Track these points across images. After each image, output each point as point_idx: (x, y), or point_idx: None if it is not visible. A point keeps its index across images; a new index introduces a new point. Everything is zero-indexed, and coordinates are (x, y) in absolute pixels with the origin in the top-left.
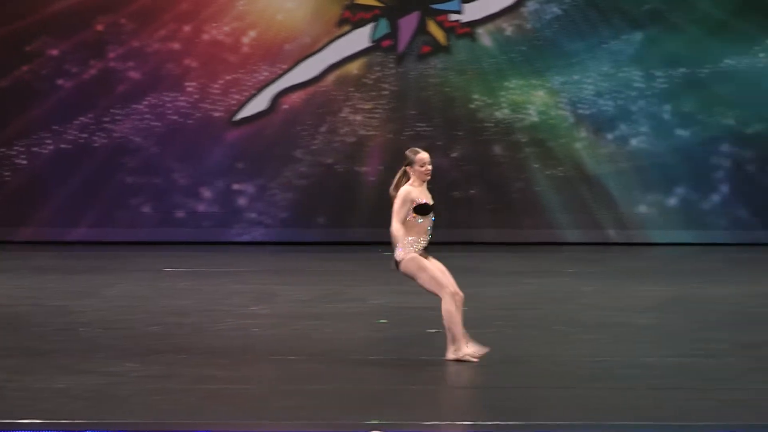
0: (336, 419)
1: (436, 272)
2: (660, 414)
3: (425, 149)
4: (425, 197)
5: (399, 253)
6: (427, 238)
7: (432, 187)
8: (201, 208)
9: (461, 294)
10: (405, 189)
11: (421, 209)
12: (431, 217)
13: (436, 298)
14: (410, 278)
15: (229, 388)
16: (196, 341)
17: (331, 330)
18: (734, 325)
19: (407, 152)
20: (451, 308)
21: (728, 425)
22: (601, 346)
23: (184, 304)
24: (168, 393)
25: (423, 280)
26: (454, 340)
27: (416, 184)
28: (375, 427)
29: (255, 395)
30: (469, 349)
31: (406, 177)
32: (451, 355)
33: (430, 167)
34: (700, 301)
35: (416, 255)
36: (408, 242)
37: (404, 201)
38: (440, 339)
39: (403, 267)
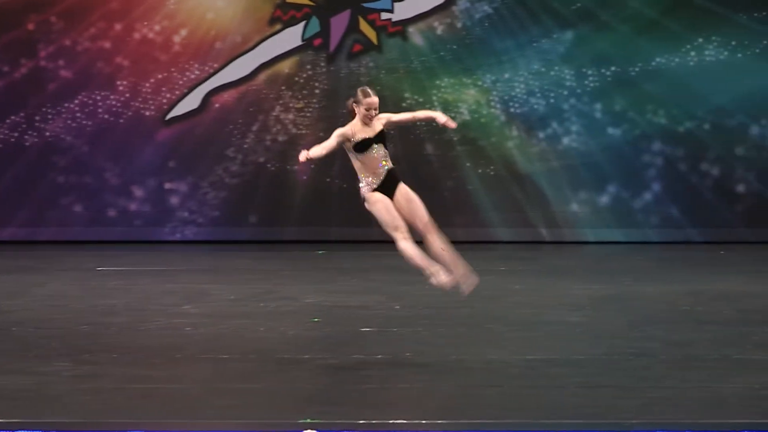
0: (268, 418)
1: (387, 213)
2: (589, 412)
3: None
4: (364, 134)
5: (361, 189)
6: (384, 168)
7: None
8: (133, 207)
9: (424, 218)
10: (341, 128)
11: (358, 146)
12: (381, 150)
13: (369, 298)
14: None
15: (161, 387)
16: (127, 340)
17: (263, 329)
18: (665, 323)
19: (359, 89)
20: (404, 247)
21: (655, 423)
22: (533, 344)
23: (115, 304)
24: (99, 392)
25: (379, 219)
26: (427, 269)
27: (358, 124)
28: (308, 426)
29: (187, 394)
30: (446, 276)
31: (351, 117)
32: (440, 278)
33: (374, 111)
34: (632, 299)
35: (372, 194)
36: (367, 181)
37: (333, 135)
38: (373, 337)
39: (366, 206)
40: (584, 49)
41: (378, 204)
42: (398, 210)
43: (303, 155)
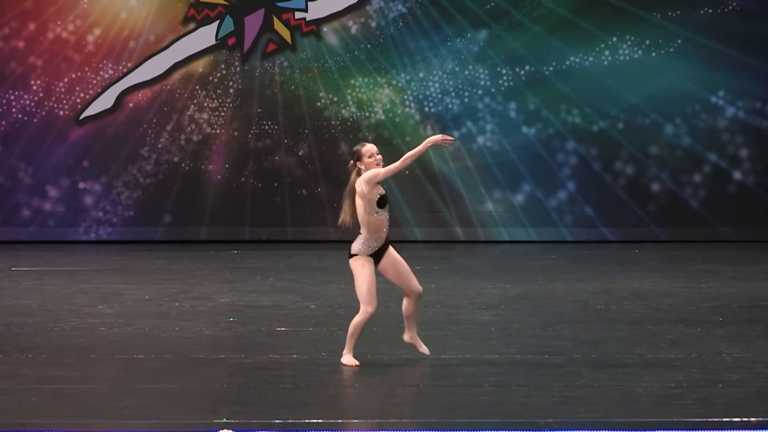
0: (183, 419)
1: (369, 286)
2: (503, 411)
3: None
4: (383, 190)
5: (353, 247)
6: (385, 234)
7: (278, 185)
8: (47, 206)
9: (419, 289)
10: (368, 174)
11: (381, 201)
12: (387, 212)
13: (284, 297)
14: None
15: (75, 387)
16: (40, 341)
17: (178, 329)
18: (578, 322)
19: (354, 149)
20: (359, 322)
21: (569, 422)
22: (447, 344)
23: (29, 304)
24: (12, 393)
25: (356, 283)
26: (346, 346)
27: None
28: (223, 426)
29: (101, 394)
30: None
31: (358, 174)
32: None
33: (380, 156)
34: (545, 298)
35: (365, 258)
36: (364, 239)
37: (371, 184)
38: (288, 337)
39: (351, 262)
40: (498, 49)
41: (365, 272)
42: (383, 272)
43: (353, 249)
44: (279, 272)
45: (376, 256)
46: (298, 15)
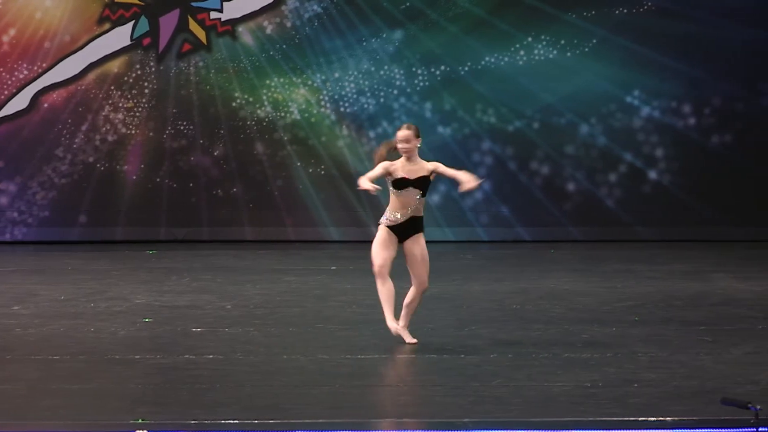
0: (99, 419)
1: (380, 249)
2: (420, 411)
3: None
4: (405, 173)
5: (381, 219)
6: (406, 213)
7: (194, 185)
8: None
9: (425, 284)
10: (388, 161)
11: (396, 183)
12: (415, 195)
13: (199, 298)
14: None
15: None
16: None
17: (94, 329)
18: (494, 321)
19: (414, 127)
20: (377, 284)
21: (485, 421)
22: (363, 344)
23: None
24: None
25: (372, 249)
26: (386, 316)
27: (404, 161)
28: (139, 426)
29: (16, 395)
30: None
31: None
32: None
33: (401, 145)
34: (461, 298)
35: (382, 228)
36: (388, 216)
37: (379, 165)
38: (204, 337)
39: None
40: (414, 49)
41: (379, 237)
42: (405, 254)
43: (363, 185)
44: (195, 272)
45: (402, 234)
46: (213, 15)
